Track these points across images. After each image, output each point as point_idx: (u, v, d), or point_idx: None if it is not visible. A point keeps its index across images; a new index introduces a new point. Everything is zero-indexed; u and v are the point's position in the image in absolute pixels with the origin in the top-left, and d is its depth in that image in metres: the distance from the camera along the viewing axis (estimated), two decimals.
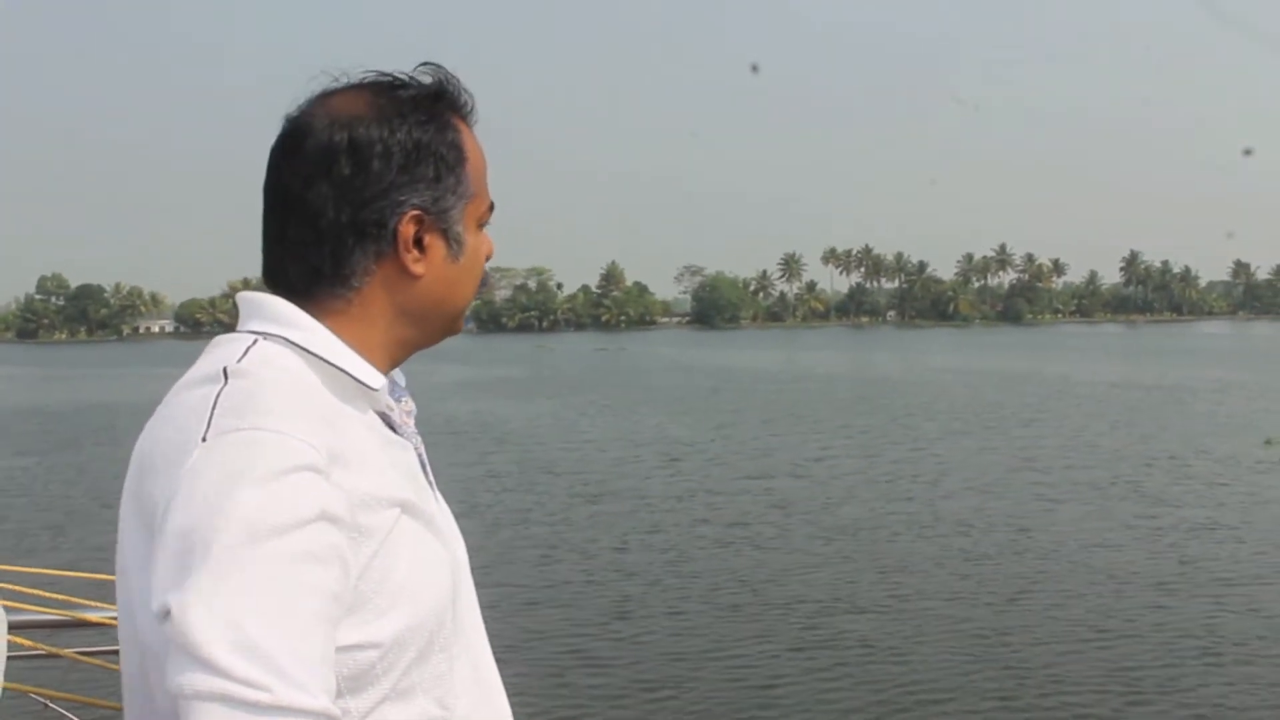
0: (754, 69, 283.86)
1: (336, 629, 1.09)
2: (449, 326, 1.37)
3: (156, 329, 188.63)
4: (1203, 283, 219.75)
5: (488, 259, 1.38)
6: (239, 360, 1.19)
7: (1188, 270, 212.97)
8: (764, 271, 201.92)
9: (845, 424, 31.64)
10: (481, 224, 1.35)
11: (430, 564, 1.24)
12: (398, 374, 1.38)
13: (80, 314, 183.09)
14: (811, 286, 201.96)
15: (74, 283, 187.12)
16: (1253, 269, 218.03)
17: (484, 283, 1.41)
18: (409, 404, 1.39)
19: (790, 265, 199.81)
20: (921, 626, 11.47)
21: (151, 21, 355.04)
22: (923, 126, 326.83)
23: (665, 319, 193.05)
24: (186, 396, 1.18)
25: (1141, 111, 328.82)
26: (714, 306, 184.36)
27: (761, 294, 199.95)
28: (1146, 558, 14.26)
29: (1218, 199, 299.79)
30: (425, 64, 1.32)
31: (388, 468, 1.22)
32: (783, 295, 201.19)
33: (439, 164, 1.28)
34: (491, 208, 1.37)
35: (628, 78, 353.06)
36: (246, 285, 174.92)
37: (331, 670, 1.07)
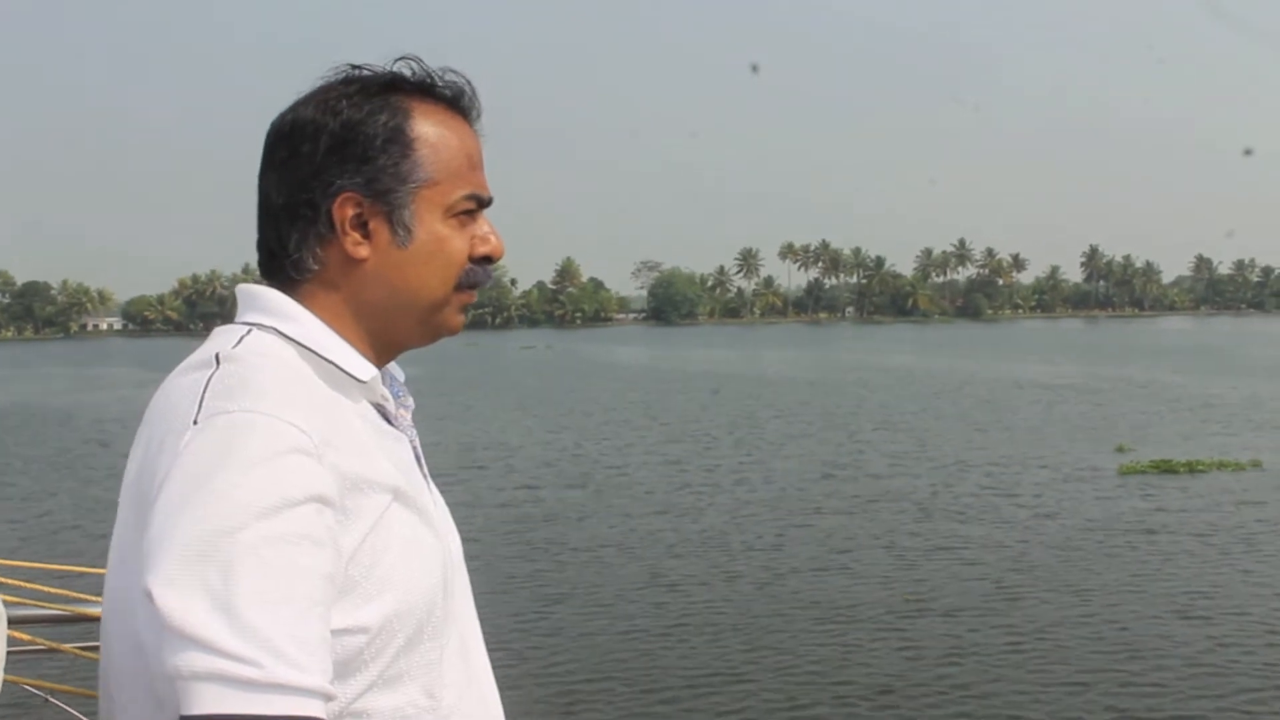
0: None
1: (330, 611, 1.09)
2: (427, 322, 1.32)
3: (104, 326, 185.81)
4: (1169, 278, 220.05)
5: (488, 259, 1.34)
6: (232, 347, 1.20)
7: (1149, 265, 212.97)
8: (721, 267, 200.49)
9: (690, 425, 30.09)
10: (454, 214, 1.30)
11: (421, 553, 1.23)
12: (396, 370, 1.39)
13: (26, 311, 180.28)
14: (769, 282, 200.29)
15: (20, 280, 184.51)
16: (1215, 264, 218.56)
17: (476, 280, 1.33)
18: (408, 399, 1.39)
19: (748, 261, 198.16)
20: (529, 668, 9.79)
21: (101, 13, 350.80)
22: (885, 123, 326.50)
23: (622, 315, 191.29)
24: (180, 382, 1.19)
25: (1107, 108, 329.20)
26: (670, 302, 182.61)
27: (719, 290, 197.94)
28: (868, 585, 12.61)
29: (1183, 195, 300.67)
30: (404, 57, 1.31)
31: (379, 455, 1.21)
32: (740, 291, 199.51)
33: (366, 144, 1.26)
34: (480, 201, 1.33)
35: (590, 75, 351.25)
36: (195, 282, 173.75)
37: (328, 651, 1.07)
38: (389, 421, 1.31)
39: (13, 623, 2.75)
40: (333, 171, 1.26)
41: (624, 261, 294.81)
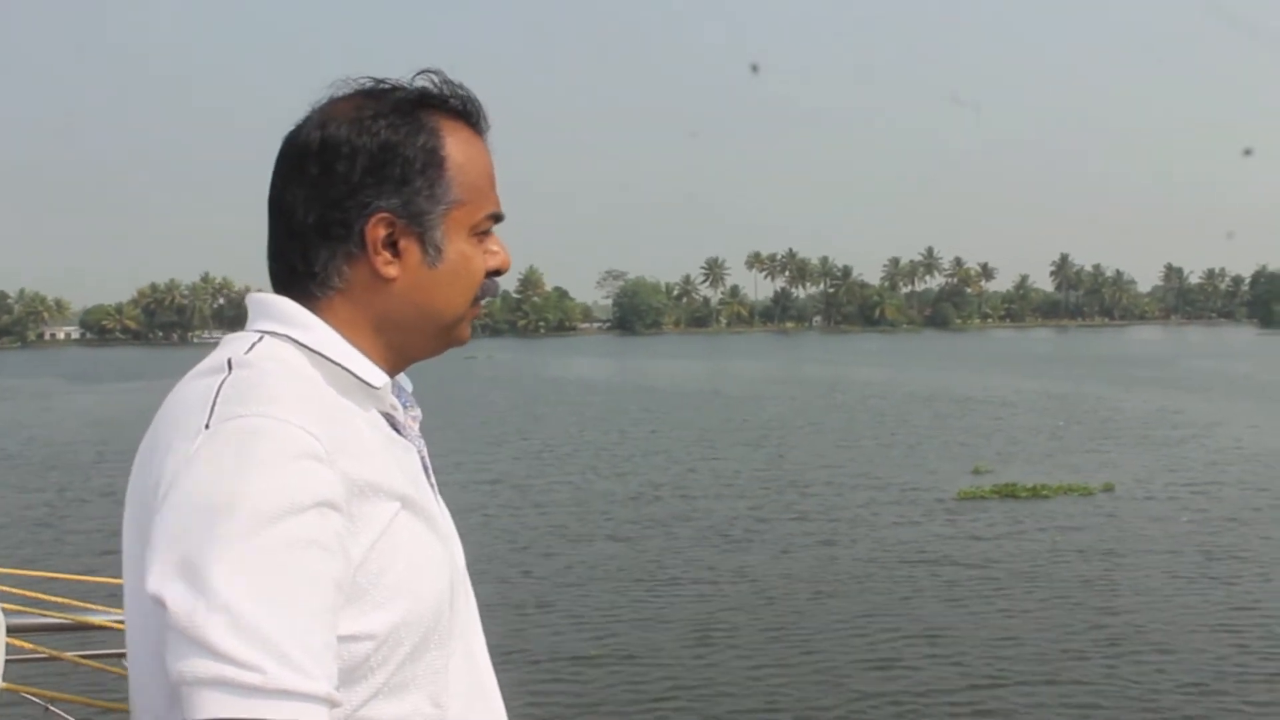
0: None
1: (338, 617, 1.09)
2: (443, 336, 1.34)
3: (62, 335, 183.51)
4: (1145, 288, 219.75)
5: (498, 272, 1.35)
6: (244, 353, 1.21)
7: (1119, 274, 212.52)
8: (687, 276, 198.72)
9: (549, 440, 28.85)
10: (477, 232, 1.32)
11: (429, 561, 1.23)
12: (404, 380, 1.39)
13: None
14: (735, 291, 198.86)
15: None
16: (1185, 273, 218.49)
17: (487, 293, 1.35)
18: (415, 409, 1.39)
19: (713, 270, 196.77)
20: None
21: (54, 20, 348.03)
22: (849, 133, 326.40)
23: (586, 325, 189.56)
24: (191, 387, 1.19)
25: (1070, 118, 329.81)
26: (635, 312, 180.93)
27: (685, 299, 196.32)
28: (566, 626, 11.33)
29: (1152, 204, 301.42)
30: (425, 70, 1.32)
31: (388, 463, 1.21)
32: (706, 301, 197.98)
33: (405, 166, 1.26)
34: (497, 218, 1.34)
35: (554, 81, 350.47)
36: (154, 291, 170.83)
37: (335, 657, 1.07)
38: (397, 431, 1.30)
39: (13, 631, 2.78)
40: (369, 192, 1.25)
41: (589, 270, 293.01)
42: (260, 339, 1.23)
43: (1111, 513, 17.41)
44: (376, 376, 1.25)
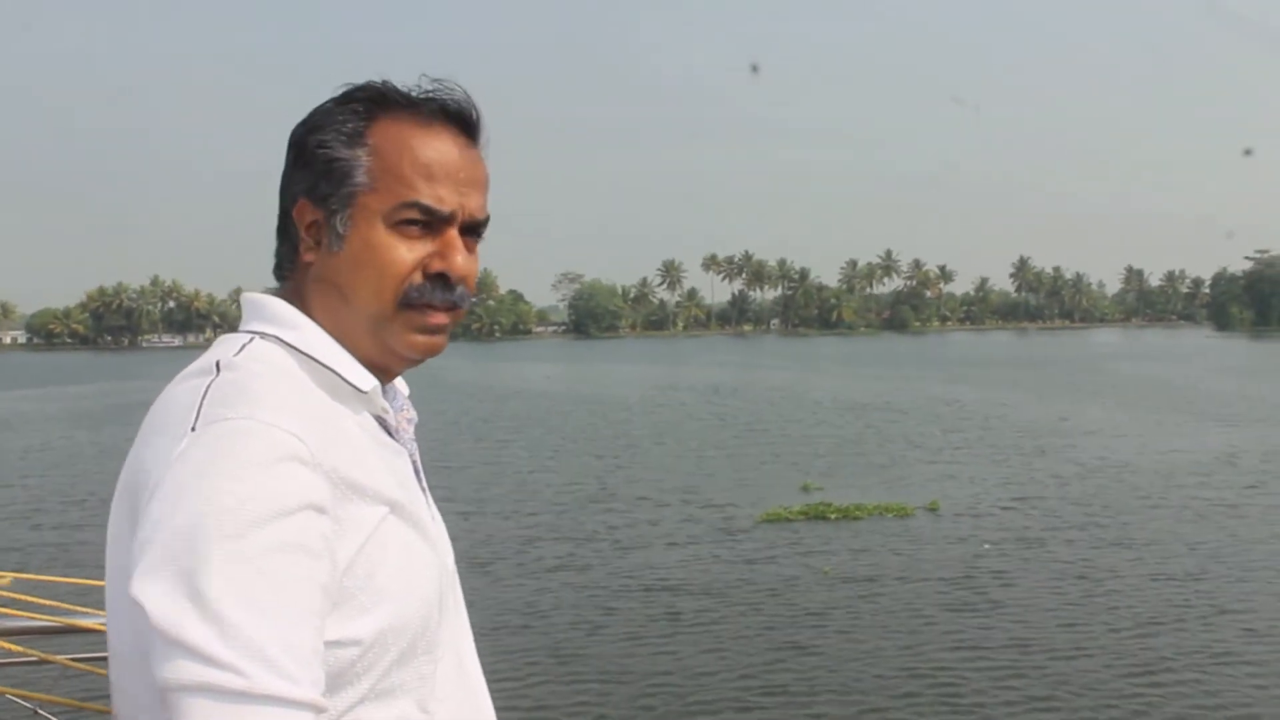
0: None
1: (325, 622, 1.08)
2: (372, 334, 1.26)
3: (8, 340, 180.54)
4: (1112, 290, 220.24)
5: (443, 276, 1.26)
6: (233, 355, 1.20)
7: (1079, 276, 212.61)
8: (644, 279, 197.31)
9: None
10: (394, 222, 1.24)
11: (418, 566, 1.22)
12: (401, 383, 1.37)
13: None
14: (692, 294, 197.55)
15: None
16: (1145, 275, 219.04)
17: (428, 298, 1.25)
18: (410, 412, 1.37)
19: (670, 272, 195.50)
20: None
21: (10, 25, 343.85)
22: (806, 136, 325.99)
23: (541, 328, 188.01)
24: (179, 389, 1.18)
25: (1036, 120, 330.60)
26: (591, 315, 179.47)
27: (642, 302, 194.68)
28: None
29: (1110, 208, 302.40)
30: (381, 81, 1.31)
31: (377, 467, 1.20)
32: (663, 303, 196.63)
33: (313, 151, 1.26)
34: (430, 213, 1.25)
35: (502, 82, 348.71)
36: (103, 294, 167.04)
37: (321, 662, 1.06)
38: (389, 434, 1.29)
39: (2, 634, 2.85)
40: (294, 178, 1.27)
41: (545, 273, 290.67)
42: (251, 340, 1.22)
43: (914, 536, 16.32)
44: (364, 380, 1.23)
